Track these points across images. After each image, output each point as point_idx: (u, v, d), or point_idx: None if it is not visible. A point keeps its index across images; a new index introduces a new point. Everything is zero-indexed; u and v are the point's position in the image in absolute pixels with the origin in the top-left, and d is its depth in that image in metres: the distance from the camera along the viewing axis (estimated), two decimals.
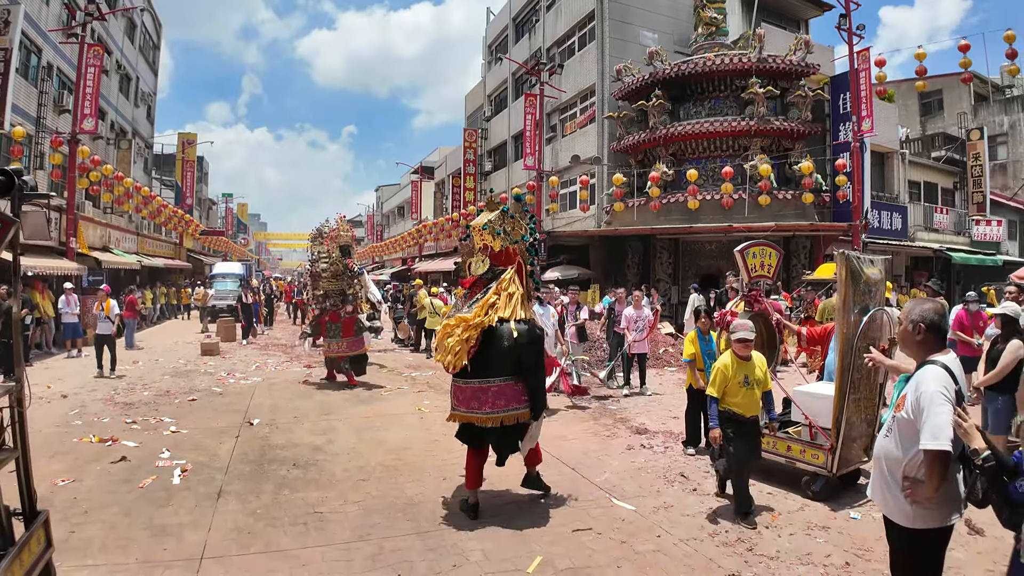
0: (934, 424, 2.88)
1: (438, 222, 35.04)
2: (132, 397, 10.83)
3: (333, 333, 12.48)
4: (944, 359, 3.12)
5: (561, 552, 4.88)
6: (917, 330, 3.21)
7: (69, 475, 6.55)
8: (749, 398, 5.67)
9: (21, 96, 19.87)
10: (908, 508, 3.08)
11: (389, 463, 7.15)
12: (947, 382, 3.00)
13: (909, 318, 3.26)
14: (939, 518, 3.07)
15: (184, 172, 41.90)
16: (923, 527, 3.07)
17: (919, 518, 3.06)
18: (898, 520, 3.15)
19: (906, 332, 3.28)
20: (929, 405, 2.94)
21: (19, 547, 3.63)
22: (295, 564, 4.66)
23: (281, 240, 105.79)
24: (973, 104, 33.94)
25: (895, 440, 3.17)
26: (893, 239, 24.11)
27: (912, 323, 3.23)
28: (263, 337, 21.42)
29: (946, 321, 3.22)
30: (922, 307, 3.25)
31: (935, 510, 3.04)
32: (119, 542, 5.01)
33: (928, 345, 3.21)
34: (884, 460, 3.23)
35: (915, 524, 3.08)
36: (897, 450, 3.15)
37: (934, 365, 3.09)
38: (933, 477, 2.90)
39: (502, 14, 35.04)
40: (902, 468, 3.12)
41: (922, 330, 3.19)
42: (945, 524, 3.08)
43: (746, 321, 6.11)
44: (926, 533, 3.08)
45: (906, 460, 3.10)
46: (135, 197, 24.65)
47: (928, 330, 3.18)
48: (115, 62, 29.34)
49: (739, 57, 20.76)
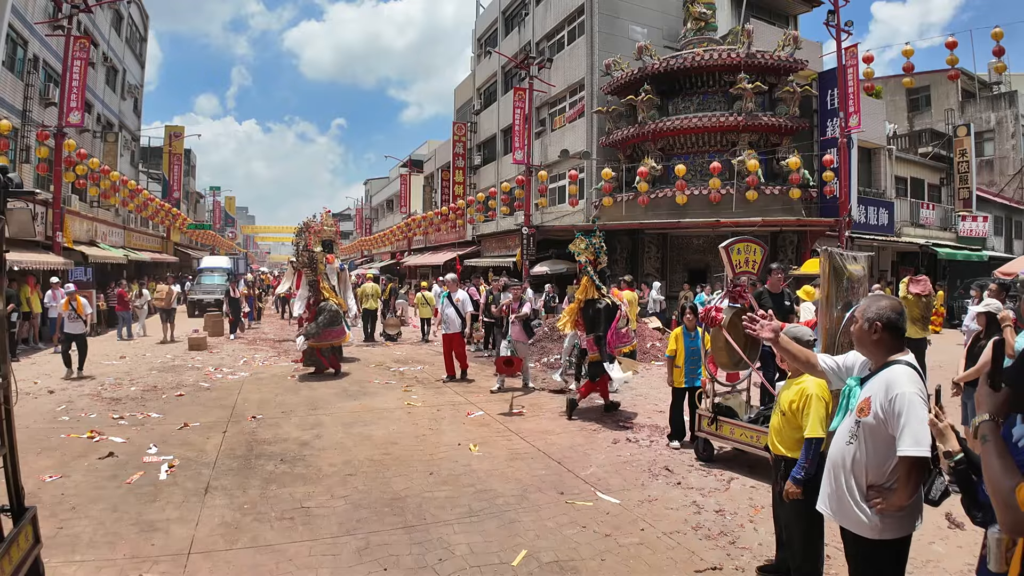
0: (915, 430, 2.74)
1: (427, 216, 34.99)
2: (119, 392, 10.80)
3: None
4: (907, 358, 2.98)
5: (546, 545, 4.93)
6: (873, 329, 3.01)
7: (57, 471, 6.54)
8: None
9: (7, 89, 19.74)
10: (874, 519, 2.92)
11: (376, 458, 7.18)
12: (920, 383, 2.87)
13: (865, 316, 3.06)
14: (907, 526, 2.96)
15: (171, 165, 41.70)
16: (890, 537, 2.93)
17: (887, 528, 2.92)
18: (862, 532, 2.98)
19: (862, 331, 3.07)
20: (908, 409, 2.78)
21: (7, 543, 3.65)
22: (282, 558, 4.69)
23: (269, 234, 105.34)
24: (960, 100, 34.18)
25: (861, 447, 2.97)
26: (879, 234, 24.29)
27: (868, 322, 3.03)
28: (250, 332, 21.38)
29: (904, 317, 3.03)
30: (878, 304, 3.06)
31: (904, 518, 2.92)
32: (107, 538, 5.02)
33: (886, 345, 3.02)
34: (847, 468, 3.02)
35: (882, 535, 2.92)
36: (864, 457, 2.96)
37: (901, 365, 2.93)
38: (910, 484, 2.80)
39: (492, 7, 34.98)
40: (868, 476, 2.96)
41: (879, 329, 3.00)
42: (911, 532, 2.98)
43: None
44: (891, 543, 2.95)
45: (875, 468, 2.94)
46: (122, 191, 24.50)
47: (885, 329, 2.99)
48: (101, 54, 29.13)
49: (728, 52, 20.81)
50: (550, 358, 14.18)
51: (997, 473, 1.94)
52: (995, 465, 1.96)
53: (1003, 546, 2.07)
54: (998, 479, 1.93)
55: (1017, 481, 1.86)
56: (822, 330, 5.96)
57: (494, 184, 29.48)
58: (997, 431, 2.05)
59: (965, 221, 28.92)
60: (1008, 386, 2.10)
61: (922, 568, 4.63)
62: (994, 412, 2.08)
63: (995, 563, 2.11)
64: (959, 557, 4.78)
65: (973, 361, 7.07)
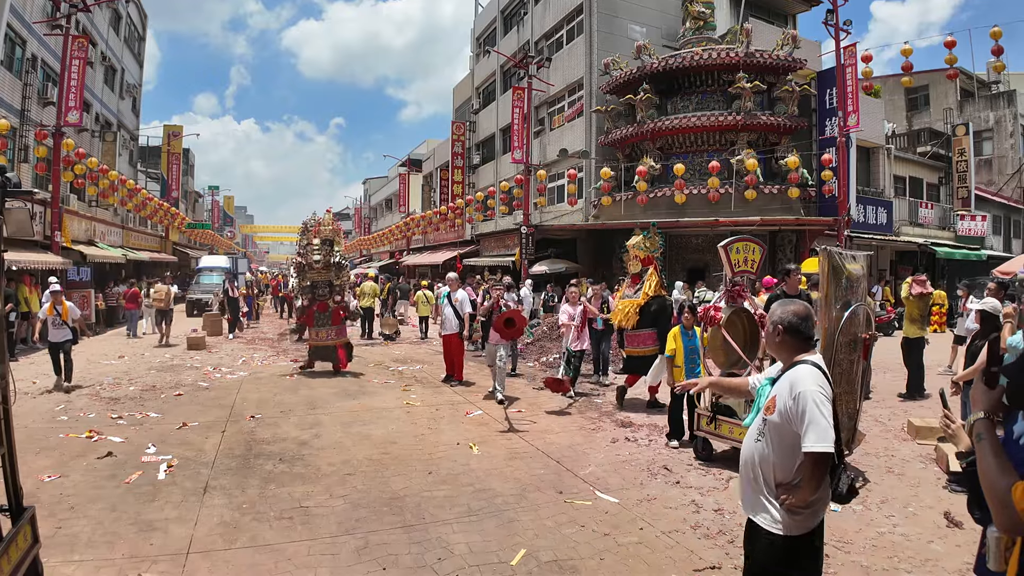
0: (819, 425, 2.79)
1: (426, 215, 35.00)
2: (118, 392, 10.79)
3: (322, 322, 13.07)
4: (813, 358, 3.03)
5: (545, 545, 4.93)
6: (776, 331, 3.12)
7: (55, 471, 6.53)
8: None
9: (6, 88, 19.74)
10: (783, 515, 2.95)
11: (375, 457, 7.17)
12: (823, 381, 2.93)
13: (771, 319, 3.18)
14: (807, 523, 2.97)
15: (170, 164, 41.68)
16: (796, 533, 2.95)
17: (794, 525, 2.94)
18: (771, 528, 3.00)
19: (768, 333, 3.22)
20: (811, 406, 2.83)
21: (6, 543, 3.64)
22: (280, 558, 4.68)
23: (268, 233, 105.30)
24: (959, 100, 34.20)
25: (768, 444, 3.00)
26: (878, 233, 24.32)
27: (772, 324, 3.15)
28: (249, 331, 21.37)
29: (809, 322, 3.08)
30: (783, 308, 3.14)
31: (809, 515, 2.96)
32: (106, 537, 5.01)
33: (788, 346, 3.11)
34: (755, 465, 3.07)
35: (789, 531, 2.95)
36: (771, 455, 2.99)
37: (806, 364, 3.00)
38: (814, 480, 2.85)
39: (490, 6, 35.01)
40: (776, 473, 2.98)
41: (780, 332, 3.10)
42: (811, 528, 2.98)
43: None
44: (797, 539, 2.96)
45: (782, 465, 2.97)
46: (120, 190, 24.49)
47: (786, 332, 3.08)
48: (100, 54, 29.14)
49: (727, 52, 20.85)
50: (549, 357, 14.18)
51: (993, 472, 1.94)
52: (991, 464, 1.96)
53: (1002, 545, 2.07)
54: (994, 478, 1.93)
55: (1013, 480, 1.86)
56: (821, 329, 5.97)
57: (493, 183, 29.49)
58: (992, 429, 2.05)
59: (964, 220, 28.96)
60: (1009, 381, 2.10)
61: (921, 567, 4.63)
62: (989, 410, 2.09)
63: (994, 562, 2.12)
64: (957, 556, 4.78)
65: (972, 360, 7.08)
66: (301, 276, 13.67)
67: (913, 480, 6.52)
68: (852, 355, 6.05)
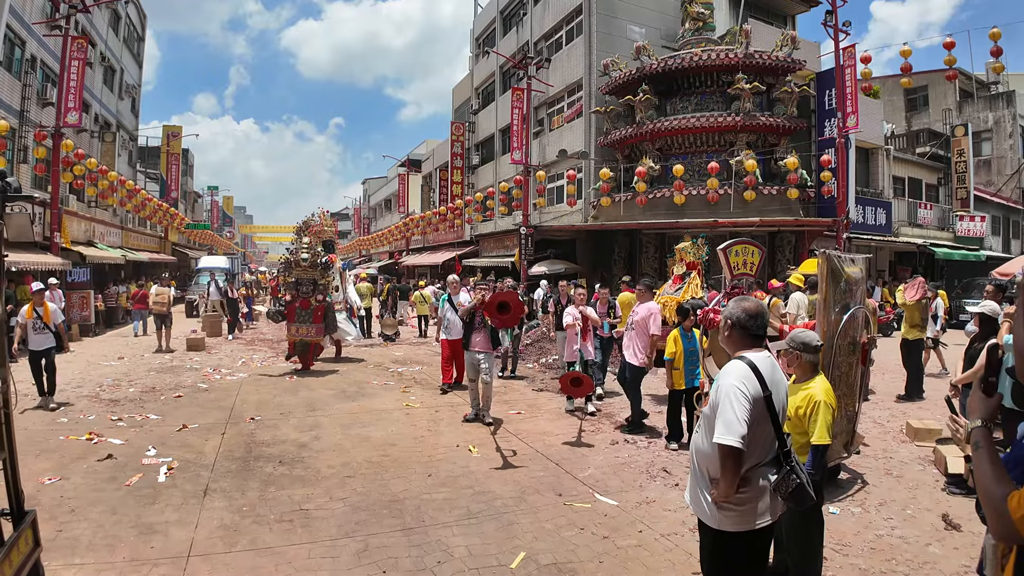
0: (727, 419, 2.86)
1: (425, 215, 35.01)
2: (118, 394, 10.80)
3: (303, 318, 13.35)
4: (753, 356, 3.08)
5: (544, 548, 4.95)
6: (726, 327, 3.24)
7: (55, 473, 6.54)
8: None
9: (5, 89, 19.76)
10: (713, 509, 3.03)
11: (375, 459, 7.19)
12: (747, 377, 2.97)
13: (723, 315, 3.31)
14: (740, 522, 3.00)
15: (169, 165, 41.68)
16: (730, 529, 3.01)
17: (725, 520, 3.00)
18: (704, 519, 3.11)
19: (720, 328, 3.37)
20: (723, 399, 2.92)
21: (7, 548, 3.63)
22: (281, 561, 4.70)
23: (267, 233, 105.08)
24: (958, 100, 34.22)
25: (704, 438, 3.10)
26: (877, 234, 24.35)
27: (723, 319, 3.28)
28: (248, 332, 21.39)
29: (758, 320, 3.17)
30: (736, 305, 3.25)
31: (744, 513, 2.99)
32: (106, 540, 5.02)
33: (735, 342, 3.20)
34: (695, 456, 3.18)
35: (721, 526, 3.02)
36: (705, 447, 3.09)
37: (739, 361, 3.07)
38: (726, 473, 2.89)
39: (490, 7, 35.02)
40: (709, 466, 3.06)
41: (729, 327, 3.21)
42: (748, 528, 3.01)
43: None
44: (730, 536, 3.02)
45: (712, 458, 3.02)
46: (119, 191, 24.48)
47: (734, 327, 3.18)
48: (99, 54, 29.16)
49: (726, 52, 20.84)
50: (548, 358, 14.19)
51: (989, 480, 1.95)
52: (987, 472, 1.97)
53: (998, 553, 2.08)
54: (990, 486, 1.94)
55: (1008, 490, 1.87)
56: (820, 332, 5.98)
57: (492, 184, 29.49)
58: (990, 437, 2.06)
59: (963, 221, 28.98)
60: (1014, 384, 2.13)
61: (919, 570, 4.65)
62: (987, 418, 2.11)
63: (991, 569, 2.13)
64: (955, 559, 4.81)
65: (971, 363, 7.09)
66: (287, 272, 14.04)
67: (911, 482, 6.54)
68: (851, 358, 6.07)
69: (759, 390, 2.95)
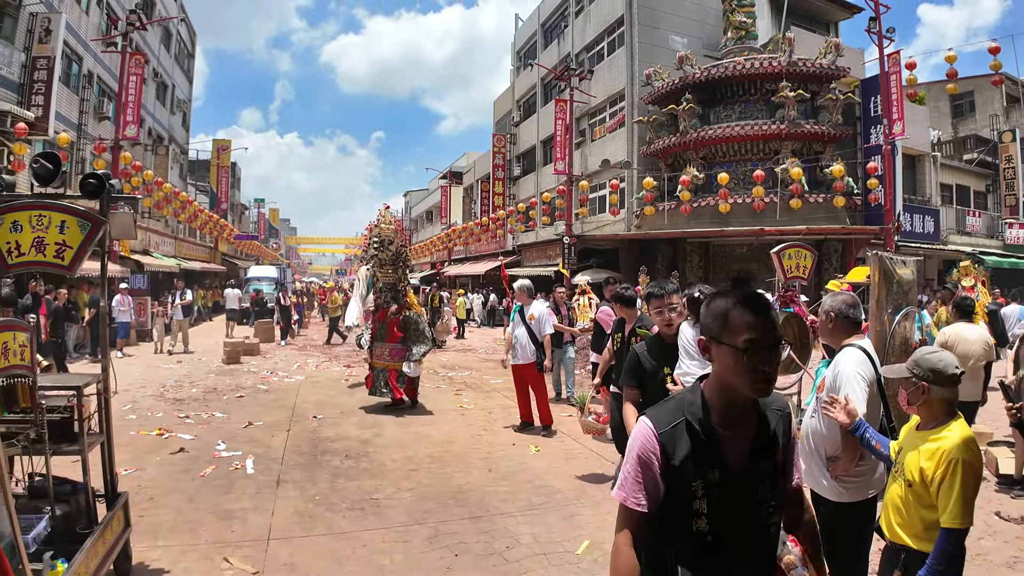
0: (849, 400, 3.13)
1: (467, 226, 35.39)
2: (181, 394, 11.22)
3: (379, 336, 10.27)
4: (860, 342, 3.38)
5: (608, 537, 5.00)
6: (829, 319, 3.51)
7: (131, 464, 6.84)
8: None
9: (63, 103, 20.51)
10: (834, 484, 3.27)
11: (436, 455, 7.41)
12: (863, 362, 3.28)
13: (823, 309, 3.59)
14: (859, 492, 3.26)
15: (219, 177, 42.74)
16: (849, 500, 3.25)
17: (846, 492, 3.24)
18: (827, 495, 3.31)
19: (822, 323, 3.61)
20: (845, 383, 3.21)
21: (102, 527, 3.87)
22: (357, 544, 4.93)
23: (311, 245, 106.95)
24: (1005, 106, 33.52)
25: (821, 421, 3.36)
26: (925, 242, 23.98)
27: (824, 313, 3.55)
28: (299, 338, 21.89)
29: (857, 308, 3.49)
30: (834, 299, 3.56)
31: (855, 484, 3.25)
32: (187, 525, 5.29)
33: (840, 331, 3.48)
34: (810, 439, 3.42)
35: (841, 498, 3.25)
36: (821, 429, 3.35)
37: (852, 348, 3.36)
38: (848, 451, 3.16)
39: (531, 20, 35.36)
40: (827, 447, 3.32)
41: (833, 319, 3.48)
42: (865, 497, 3.27)
43: None
44: (850, 507, 3.26)
45: (830, 439, 3.30)
46: (173, 202, 25.27)
47: (838, 318, 3.46)
48: (152, 70, 30.11)
49: (769, 61, 20.85)
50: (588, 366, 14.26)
51: None
52: None
53: None
54: None
55: None
56: (873, 333, 6.05)
57: (534, 194, 29.75)
58: None
59: (1012, 228, 28.39)
60: None
61: (970, 562, 4.68)
62: None
63: None
64: (1006, 550, 4.94)
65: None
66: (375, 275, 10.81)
67: None
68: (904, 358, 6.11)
69: (872, 373, 3.27)
